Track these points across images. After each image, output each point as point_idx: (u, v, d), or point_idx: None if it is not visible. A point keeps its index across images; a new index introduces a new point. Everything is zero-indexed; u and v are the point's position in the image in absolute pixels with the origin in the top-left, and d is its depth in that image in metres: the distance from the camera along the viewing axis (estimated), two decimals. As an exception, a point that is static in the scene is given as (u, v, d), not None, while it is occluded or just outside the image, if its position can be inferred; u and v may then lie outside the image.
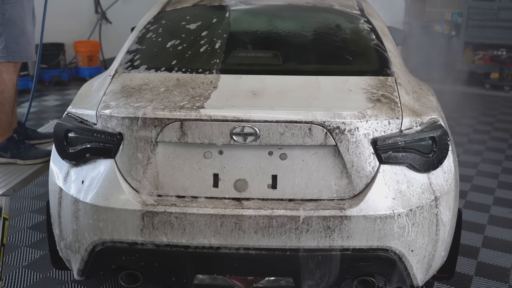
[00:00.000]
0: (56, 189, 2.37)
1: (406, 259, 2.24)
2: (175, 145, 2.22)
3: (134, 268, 2.30)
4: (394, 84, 2.44)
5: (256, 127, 2.13)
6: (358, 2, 3.32)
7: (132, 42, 2.83)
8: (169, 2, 3.30)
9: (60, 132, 2.32)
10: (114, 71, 2.61)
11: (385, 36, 2.89)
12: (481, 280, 3.03)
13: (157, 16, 3.08)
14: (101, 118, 2.26)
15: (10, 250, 3.19)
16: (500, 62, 7.49)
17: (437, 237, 2.28)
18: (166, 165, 2.23)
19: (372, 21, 2.99)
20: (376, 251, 2.20)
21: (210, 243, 2.18)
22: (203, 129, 2.15)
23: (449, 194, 2.31)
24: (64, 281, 2.93)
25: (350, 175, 2.19)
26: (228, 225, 2.15)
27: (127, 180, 2.23)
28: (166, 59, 2.67)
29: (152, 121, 2.17)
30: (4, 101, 3.05)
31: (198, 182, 2.23)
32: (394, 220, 2.17)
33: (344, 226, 2.15)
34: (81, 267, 2.34)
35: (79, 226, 2.27)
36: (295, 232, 2.15)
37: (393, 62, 2.64)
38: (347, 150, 2.17)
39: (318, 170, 2.21)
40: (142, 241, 2.21)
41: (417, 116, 2.27)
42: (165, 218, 2.17)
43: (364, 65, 2.74)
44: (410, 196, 2.20)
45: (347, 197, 2.21)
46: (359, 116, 2.16)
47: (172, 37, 2.84)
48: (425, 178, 2.25)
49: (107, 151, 2.24)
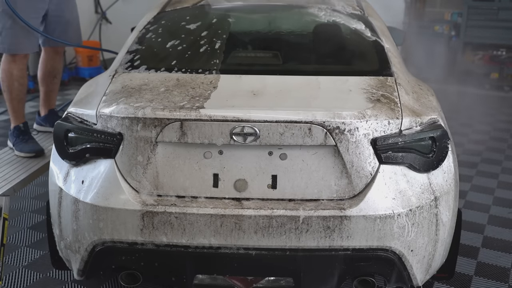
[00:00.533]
0: (56, 189, 2.37)
1: (406, 259, 2.24)
2: (175, 145, 2.22)
3: (134, 268, 2.30)
4: (394, 84, 2.45)
5: (256, 127, 2.13)
6: (358, 2, 3.32)
7: (132, 42, 2.83)
8: (169, 2, 3.30)
9: (60, 132, 2.33)
10: (114, 71, 2.61)
11: (385, 36, 2.89)
12: (481, 280, 3.03)
13: (157, 16, 3.08)
14: (101, 118, 2.26)
15: (10, 250, 3.19)
16: (500, 62, 7.49)
17: (437, 237, 2.28)
18: (166, 165, 2.23)
19: (372, 21, 3.00)
20: (376, 251, 2.21)
21: (210, 243, 2.19)
22: (203, 129, 2.15)
23: (449, 194, 2.31)
24: (64, 281, 2.93)
25: (350, 175, 2.20)
26: (228, 225, 2.16)
27: (127, 180, 2.24)
28: (166, 59, 2.67)
29: (152, 121, 2.17)
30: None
31: (198, 182, 2.24)
32: (394, 220, 2.17)
33: (344, 226, 2.15)
34: (81, 267, 2.35)
35: (79, 226, 2.27)
36: (295, 232, 2.16)
37: (393, 62, 2.64)
38: (347, 150, 2.17)
39: (318, 170, 2.21)
40: (142, 241, 2.21)
41: (417, 116, 2.27)
42: (165, 218, 2.17)
43: (364, 65, 2.74)
44: (410, 196, 2.20)
45: (347, 197, 2.21)
46: (359, 116, 2.16)
47: (172, 37, 2.84)
48: (425, 178, 2.26)
49: (107, 151, 2.24)
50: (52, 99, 3.95)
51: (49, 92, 3.90)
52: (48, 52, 3.76)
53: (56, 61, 3.81)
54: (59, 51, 3.86)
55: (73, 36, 3.74)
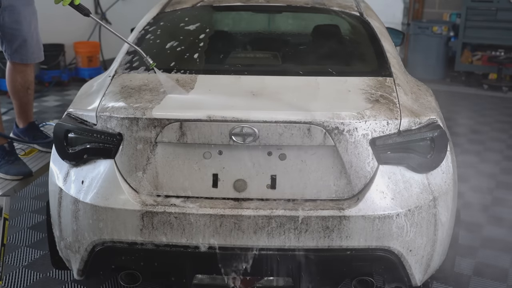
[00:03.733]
0: (56, 189, 2.38)
1: (405, 259, 2.24)
2: (174, 145, 2.23)
3: (133, 268, 2.31)
4: (393, 85, 2.45)
5: (255, 128, 2.14)
6: (356, 3, 3.33)
7: (131, 43, 2.83)
8: (169, 3, 3.31)
9: (60, 132, 2.33)
10: (114, 71, 2.62)
11: (384, 37, 2.90)
12: (479, 280, 3.04)
13: (157, 17, 3.08)
14: (101, 119, 2.27)
15: (10, 250, 3.19)
16: (498, 63, 7.49)
17: (436, 237, 2.29)
18: (166, 165, 2.24)
19: (370, 22, 3.00)
20: (374, 251, 2.21)
21: (209, 243, 2.19)
22: (202, 130, 2.16)
23: (448, 194, 2.32)
24: (64, 281, 2.94)
25: (349, 175, 2.20)
26: (228, 225, 2.16)
27: (126, 180, 2.24)
28: (165, 60, 2.68)
29: (151, 122, 2.18)
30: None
31: (197, 182, 2.24)
32: (392, 220, 2.18)
33: (343, 226, 2.15)
34: (81, 267, 2.35)
35: (79, 226, 2.28)
36: (294, 232, 2.16)
37: (392, 63, 2.65)
38: (346, 150, 2.18)
39: (317, 170, 2.22)
40: (141, 241, 2.22)
41: (416, 116, 2.28)
42: (164, 218, 2.18)
43: (362, 66, 2.75)
44: (409, 196, 2.21)
45: (346, 197, 2.22)
46: (357, 116, 2.17)
47: (171, 38, 2.85)
48: (423, 179, 2.26)
49: (107, 151, 2.25)
50: (28, 111, 3.53)
51: (24, 105, 3.50)
52: (15, 65, 3.35)
53: (27, 74, 3.40)
54: (28, 64, 3.40)
55: (34, 51, 3.33)
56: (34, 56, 3.35)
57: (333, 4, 3.21)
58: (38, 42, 3.36)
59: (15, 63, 3.33)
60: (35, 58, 3.37)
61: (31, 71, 3.43)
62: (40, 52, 3.39)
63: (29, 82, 3.43)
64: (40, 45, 3.38)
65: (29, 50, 3.29)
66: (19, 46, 3.25)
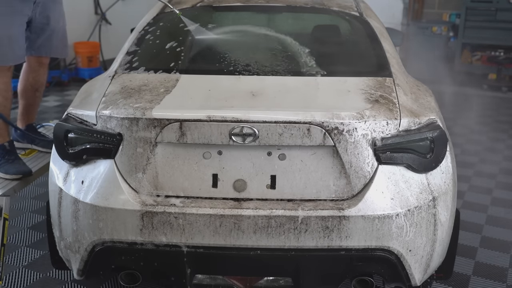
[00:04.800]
0: (56, 189, 2.38)
1: (404, 259, 2.25)
2: (174, 145, 2.23)
3: (133, 268, 2.31)
4: (392, 85, 2.46)
5: (255, 128, 2.14)
6: (356, 3, 3.33)
7: (131, 43, 2.84)
8: (169, 3, 3.30)
9: (60, 132, 2.33)
10: (114, 72, 2.62)
11: (383, 37, 2.90)
12: (479, 280, 3.04)
13: (157, 17, 3.08)
14: (101, 119, 2.27)
15: (10, 250, 3.19)
16: (498, 63, 7.50)
17: (435, 237, 2.29)
18: (166, 165, 2.24)
19: (370, 22, 3.01)
20: (374, 251, 2.22)
21: (209, 243, 2.19)
22: (202, 130, 2.16)
23: (447, 194, 2.32)
24: (64, 281, 2.94)
25: (349, 176, 2.21)
26: (227, 225, 2.17)
27: (126, 180, 2.24)
28: (165, 60, 2.68)
29: (151, 122, 2.18)
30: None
31: (197, 182, 2.24)
32: (392, 220, 2.18)
33: (342, 226, 2.16)
34: (81, 267, 2.35)
35: (79, 226, 2.28)
36: (293, 232, 2.16)
37: (391, 63, 2.65)
38: (346, 150, 2.18)
39: (316, 170, 2.22)
40: (141, 241, 2.22)
41: (415, 116, 2.28)
42: (164, 218, 2.18)
43: (362, 66, 2.75)
44: (408, 196, 2.21)
45: (346, 197, 2.22)
46: (357, 116, 2.17)
47: (171, 38, 2.85)
48: (423, 179, 2.27)
49: (107, 151, 2.25)
50: (31, 113, 3.58)
51: (29, 106, 3.53)
52: (32, 62, 3.44)
53: (39, 74, 3.48)
54: (44, 62, 3.50)
55: (58, 46, 3.47)
56: (58, 51, 3.53)
57: (333, 4, 3.21)
58: (64, 38, 3.54)
59: (32, 59, 3.43)
60: (59, 53, 3.58)
61: (44, 73, 3.53)
62: (65, 49, 3.58)
63: (39, 84, 3.53)
64: (66, 42, 3.57)
65: (54, 43, 3.43)
66: (45, 38, 3.38)
